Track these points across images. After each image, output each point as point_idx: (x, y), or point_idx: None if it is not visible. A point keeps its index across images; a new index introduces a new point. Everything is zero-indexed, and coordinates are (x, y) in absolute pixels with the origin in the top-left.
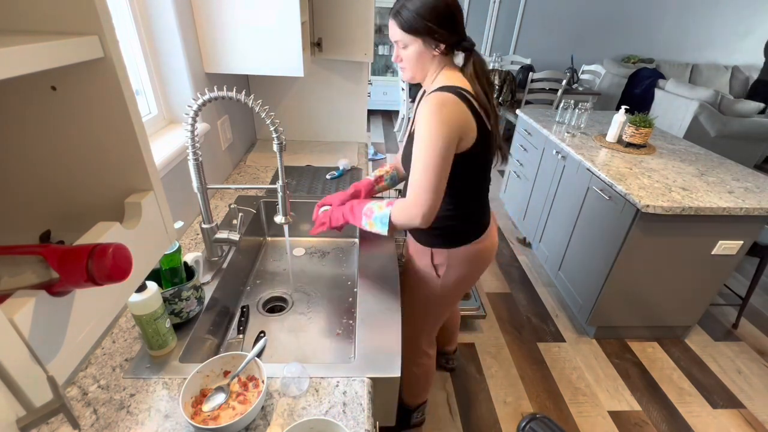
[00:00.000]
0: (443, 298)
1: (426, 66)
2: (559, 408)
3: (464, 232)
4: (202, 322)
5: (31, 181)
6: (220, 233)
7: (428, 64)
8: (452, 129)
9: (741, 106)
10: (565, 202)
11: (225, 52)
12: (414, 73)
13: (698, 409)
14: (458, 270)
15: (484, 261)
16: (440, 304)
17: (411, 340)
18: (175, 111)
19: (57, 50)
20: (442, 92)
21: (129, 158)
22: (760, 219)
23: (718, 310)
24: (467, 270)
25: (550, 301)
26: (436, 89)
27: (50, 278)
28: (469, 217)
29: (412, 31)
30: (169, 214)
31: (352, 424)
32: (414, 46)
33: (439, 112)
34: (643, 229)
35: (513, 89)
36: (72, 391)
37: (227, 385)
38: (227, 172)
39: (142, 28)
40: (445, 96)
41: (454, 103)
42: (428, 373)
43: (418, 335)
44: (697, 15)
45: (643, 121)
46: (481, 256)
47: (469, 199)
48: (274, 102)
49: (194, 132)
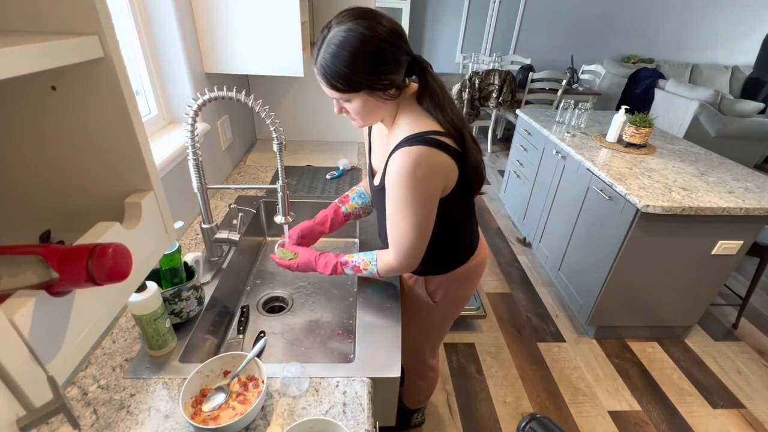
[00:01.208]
0: (443, 319)
1: (378, 112)
2: (559, 408)
3: (456, 257)
4: (202, 322)
5: (31, 181)
6: (220, 233)
7: (380, 109)
8: (433, 184)
9: (741, 106)
10: (565, 202)
11: (225, 52)
12: (366, 122)
13: (698, 409)
14: (454, 292)
15: (477, 275)
16: (440, 324)
17: (415, 357)
18: (175, 111)
19: (57, 50)
20: (411, 147)
21: (129, 158)
22: (760, 219)
23: (718, 310)
24: (462, 289)
25: (550, 301)
26: (403, 141)
27: (50, 278)
28: (460, 243)
29: (348, 89)
30: (169, 214)
31: (352, 424)
32: (357, 100)
33: (414, 173)
34: (643, 229)
35: (513, 89)
36: (72, 391)
37: (227, 385)
38: (227, 172)
39: (142, 28)
40: (416, 152)
41: (428, 156)
42: (433, 384)
43: (422, 353)
44: (697, 15)
45: (643, 121)
46: (474, 273)
47: (458, 228)
48: (274, 102)
49: (194, 132)
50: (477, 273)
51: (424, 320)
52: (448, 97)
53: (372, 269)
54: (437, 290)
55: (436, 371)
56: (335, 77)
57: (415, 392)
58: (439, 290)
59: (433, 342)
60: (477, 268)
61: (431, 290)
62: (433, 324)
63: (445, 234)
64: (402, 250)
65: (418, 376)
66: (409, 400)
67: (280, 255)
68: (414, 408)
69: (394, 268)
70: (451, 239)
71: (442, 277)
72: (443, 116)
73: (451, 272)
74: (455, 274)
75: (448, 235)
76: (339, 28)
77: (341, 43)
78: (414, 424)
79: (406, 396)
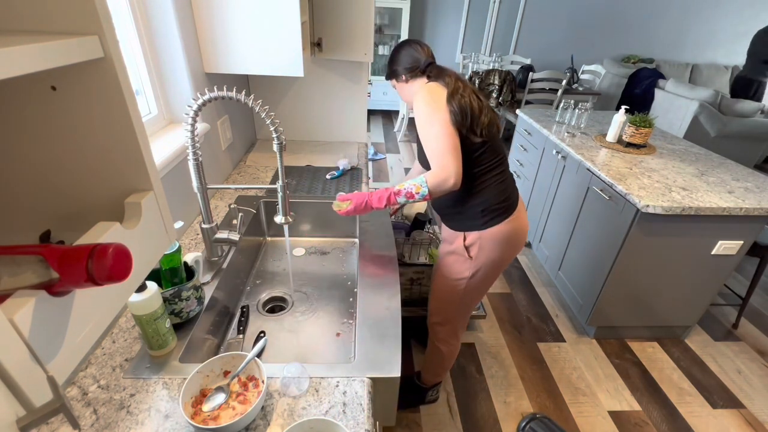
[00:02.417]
0: (476, 281)
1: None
2: (559, 408)
3: (491, 214)
4: (202, 322)
5: (31, 181)
6: (220, 233)
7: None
8: (437, 99)
9: (741, 106)
10: (565, 202)
11: (225, 52)
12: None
13: (698, 409)
14: (489, 251)
15: (513, 243)
16: (473, 286)
17: (444, 318)
18: (175, 111)
19: (57, 50)
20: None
21: (129, 158)
22: (760, 219)
23: (718, 310)
24: (498, 251)
25: (550, 301)
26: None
27: (50, 278)
28: (490, 199)
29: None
30: (169, 214)
31: (352, 424)
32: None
33: (422, 92)
34: (643, 229)
35: (513, 89)
36: (72, 391)
37: (227, 385)
38: (227, 172)
39: (142, 28)
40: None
41: (428, 84)
42: (452, 355)
43: (451, 315)
44: (697, 15)
45: (643, 121)
46: (510, 237)
47: (484, 183)
48: (274, 102)
49: (194, 132)
50: (512, 238)
51: (459, 277)
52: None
53: (424, 191)
54: (473, 245)
55: (458, 342)
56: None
57: (435, 361)
58: (475, 245)
59: (464, 306)
60: (513, 233)
61: (468, 244)
62: (467, 283)
63: (475, 188)
64: (441, 159)
65: (442, 341)
66: (427, 371)
67: (336, 207)
68: (430, 383)
69: (441, 178)
70: (481, 195)
71: (481, 233)
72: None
73: (487, 229)
74: (491, 232)
75: (478, 190)
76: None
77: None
78: (429, 401)
79: (425, 367)
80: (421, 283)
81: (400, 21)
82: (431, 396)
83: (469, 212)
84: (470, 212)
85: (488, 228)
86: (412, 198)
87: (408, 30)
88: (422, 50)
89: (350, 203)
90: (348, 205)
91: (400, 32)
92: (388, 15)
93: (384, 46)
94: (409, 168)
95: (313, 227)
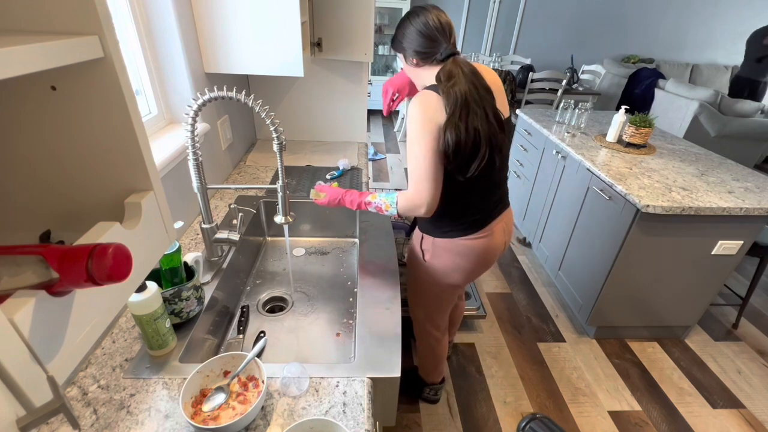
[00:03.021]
0: (430, 282)
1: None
2: (559, 408)
3: (449, 227)
4: (202, 322)
5: (31, 181)
6: (220, 233)
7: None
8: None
9: (741, 106)
10: (565, 202)
11: (225, 52)
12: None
13: (698, 409)
14: (440, 258)
15: (472, 258)
16: (430, 286)
17: (415, 318)
18: (175, 111)
19: (57, 50)
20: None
21: (129, 158)
22: (760, 219)
23: (718, 310)
24: (450, 262)
25: (550, 301)
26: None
27: (50, 278)
28: (455, 217)
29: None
30: (169, 214)
31: (352, 424)
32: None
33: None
34: (643, 229)
35: (513, 89)
36: (72, 391)
37: (227, 385)
38: (227, 172)
39: (142, 28)
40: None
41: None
42: (434, 352)
43: (416, 312)
44: (697, 15)
45: (643, 121)
46: (467, 252)
47: (455, 199)
48: (274, 102)
49: (194, 132)
50: (470, 254)
51: (416, 277)
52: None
53: (392, 210)
54: (428, 250)
55: (438, 341)
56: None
57: (421, 356)
58: (429, 251)
59: (430, 306)
60: (470, 250)
61: (424, 248)
62: (421, 282)
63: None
64: (417, 183)
65: (419, 337)
66: (419, 364)
67: (313, 195)
68: (426, 381)
69: (414, 204)
70: (450, 211)
71: (434, 239)
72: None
73: (441, 239)
74: (444, 242)
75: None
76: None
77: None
78: (425, 398)
79: (419, 364)
80: None
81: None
82: (430, 395)
83: (431, 219)
84: (432, 219)
85: (442, 238)
86: (380, 212)
87: None
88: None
89: (325, 196)
90: (324, 196)
91: None
92: (388, 15)
93: (384, 46)
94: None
95: (313, 227)
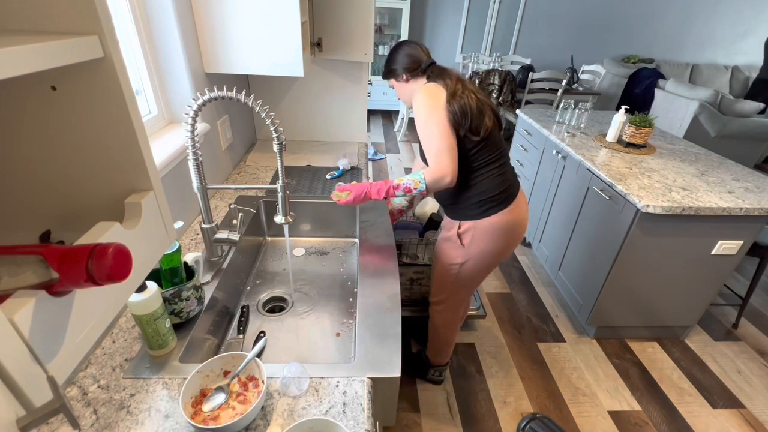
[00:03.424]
0: (466, 267)
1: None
2: (559, 408)
3: (488, 204)
4: (202, 322)
5: (31, 181)
6: (220, 233)
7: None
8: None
9: (741, 106)
10: (565, 202)
11: (225, 52)
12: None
13: (698, 409)
14: (481, 240)
15: (509, 233)
16: (465, 271)
17: (440, 301)
18: (175, 111)
19: (57, 50)
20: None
21: (129, 158)
22: (760, 219)
23: (718, 310)
24: (491, 241)
25: (550, 301)
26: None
27: (50, 278)
28: (485, 191)
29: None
30: (169, 214)
31: (352, 424)
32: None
33: (421, 93)
34: (643, 229)
35: (513, 89)
36: (72, 391)
37: (227, 385)
38: (227, 172)
39: (142, 28)
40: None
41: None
42: (450, 336)
43: (447, 299)
44: (697, 15)
45: (643, 121)
46: (505, 228)
47: (479, 176)
48: (274, 102)
49: (194, 132)
50: (507, 229)
51: (452, 263)
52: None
53: (421, 186)
54: (466, 233)
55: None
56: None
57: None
58: (468, 233)
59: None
60: (508, 224)
61: (461, 232)
62: (459, 269)
63: (471, 181)
64: (437, 157)
65: (439, 321)
66: (429, 347)
67: (335, 198)
68: (433, 363)
69: (438, 176)
70: (477, 187)
71: (473, 222)
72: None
73: (482, 219)
74: (486, 222)
75: (474, 183)
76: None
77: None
78: (430, 379)
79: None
80: (421, 283)
81: (400, 21)
82: (434, 376)
83: (466, 203)
84: (467, 203)
85: (483, 218)
86: (410, 192)
87: (408, 30)
88: (422, 51)
89: (349, 194)
90: (347, 195)
91: (400, 32)
92: (388, 15)
93: (384, 46)
94: (409, 168)
95: (313, 227)
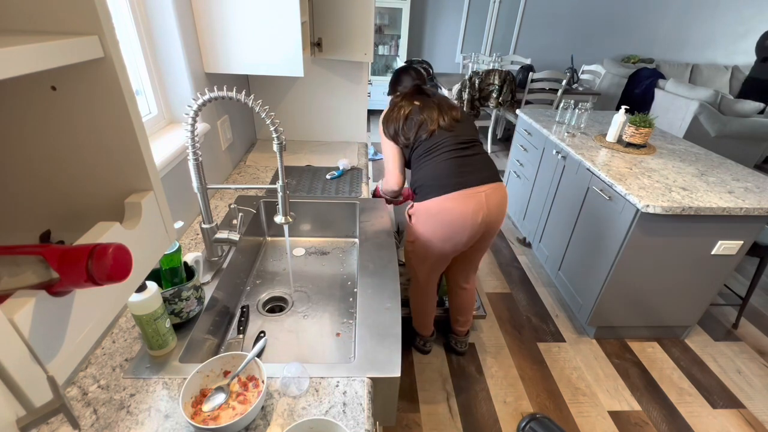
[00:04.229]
0: (414, 243)
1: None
2: (559, 408)
3: (423, 190)
4: (202, 322)
5: (31, 181)
6: (220, 233)
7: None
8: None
9: (741, 106)
10: (565, 202)
11: (225, 52)
12: None
13: (698, 409)
14: (420, 222)
15: (441, 219)
16: (414, 247)
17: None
18: (175, 111)
19: (57, 50)
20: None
21: (129, 158)
22: (760, 219)
23: (718, 310)
24: (428, 224)
25: (550, 301)
26: None
27: (50, 278)
28: (423, 184)
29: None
30: (169, 214)
31: (352, 424)
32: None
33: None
34: (643, 229)
35: (513, 89)
36: (72, 391)
37: (227, 385)
38: (227, 172)
39: (142, 28)
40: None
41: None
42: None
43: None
44: (697, 15)
45: (643, 121)
46: (437, 213)
47: (419, 167)
48: (274, 102)
49: (194, 132)
50: (439, 214)
51: (408, 236)
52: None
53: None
54: (413, 214)
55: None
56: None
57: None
58: (414, 215)
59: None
60: (439, 210)
61: (410, 212)
62: (412, 246)
63: (414, 171)
64: (386, 172)
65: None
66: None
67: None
68: (418, 332)
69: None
70: (416, 175)
71: (415, 204)
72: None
73: (419, 202)
74: (421, 205)
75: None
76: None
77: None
78: (416, 348)
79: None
80: None
81: (400, 21)
82: (419, 345)
83: (413, 187)
84: (413, 188)
85: (420, 202)
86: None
87: (408, 30)
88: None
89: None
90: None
91: (400, 32)
92: (388, 15)
93: (384, 46)
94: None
95: (313, 227)
